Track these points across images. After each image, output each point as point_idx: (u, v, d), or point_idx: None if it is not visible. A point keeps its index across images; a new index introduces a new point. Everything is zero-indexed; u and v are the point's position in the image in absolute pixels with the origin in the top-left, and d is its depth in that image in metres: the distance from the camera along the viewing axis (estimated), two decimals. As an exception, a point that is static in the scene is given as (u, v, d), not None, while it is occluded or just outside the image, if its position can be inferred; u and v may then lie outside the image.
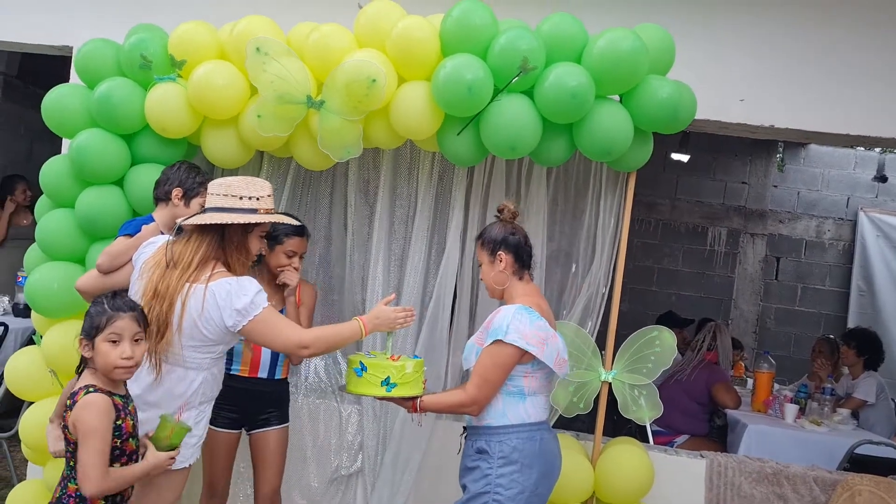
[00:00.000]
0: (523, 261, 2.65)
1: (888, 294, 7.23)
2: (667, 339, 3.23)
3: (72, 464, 2.18)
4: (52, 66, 4.36)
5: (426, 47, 2.90)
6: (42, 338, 3.19)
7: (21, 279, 4.71)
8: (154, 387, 2.40)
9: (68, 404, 2.17)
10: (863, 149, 7.41)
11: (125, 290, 2.42)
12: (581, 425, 3.62)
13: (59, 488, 2.22)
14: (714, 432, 4.81)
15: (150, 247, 2.55)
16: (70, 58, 3.51)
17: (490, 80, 2.84)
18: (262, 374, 3.08)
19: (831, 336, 5.64)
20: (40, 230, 3.16)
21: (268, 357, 3.07)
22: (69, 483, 2.18)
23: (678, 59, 3.06)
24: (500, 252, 2.63)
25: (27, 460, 3.42)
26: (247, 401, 3.03)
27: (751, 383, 5.09)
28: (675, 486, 3.37)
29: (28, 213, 5.51)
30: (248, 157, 3.24)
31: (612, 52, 2.82)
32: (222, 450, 3.03)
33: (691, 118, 3.12)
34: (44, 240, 3.15)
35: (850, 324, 7.04)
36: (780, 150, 7.59)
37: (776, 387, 4.92)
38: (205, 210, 2.47)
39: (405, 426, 3.36)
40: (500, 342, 2.45)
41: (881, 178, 7.41)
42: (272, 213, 2.49)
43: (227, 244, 2.44)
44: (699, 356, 4.74)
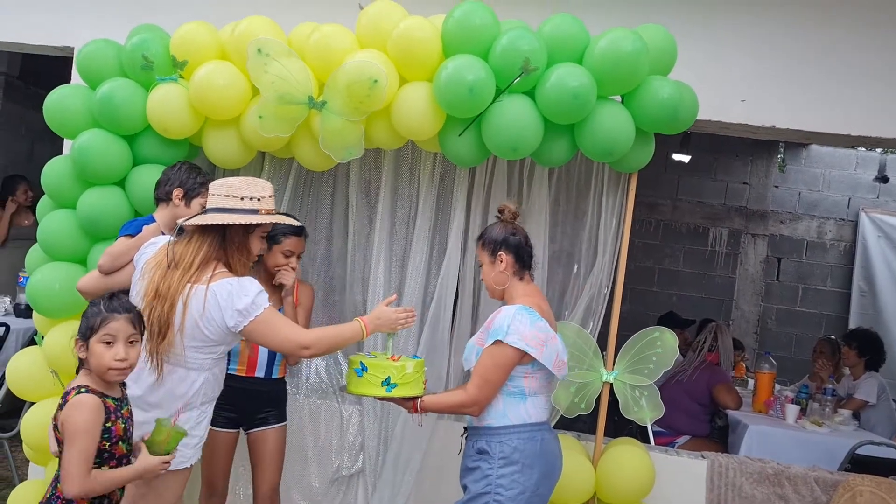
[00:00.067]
0: (524, 261, 2.65)
1: (889, 295, 7.21)
2: (668, 339, 3.23)
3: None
4: (53, 67, 4.36)
5: (428, 48, 2.90)
6: (43, 338, 3.19)
7: (22, 280, 4.70)
8: (155, 387, 2.40)
9: (60, 403, 2.16)
10: (864, 149, 7.40)
11: (126, 291, 2.42)
12: (582, 426, 3.62)
13: (49, 488, 2.21)
14: (715, 433, 4.81)
15: (152, 247, 2.55)
16: (71, 58, 3.51)
17: (492, 81, 2.84)
18: (260, 373, 3.07)
19: (832, 337, 5.64)
20: (42, 231, 3.16)
21: (265, 356, 3.07)
22: (59, 483, 2.16)
23: (679, 59, 3.06)
24: (500, 252, 2.63)
25: (28, 460, 3.42)
26: (244, 400, 3.03)
27: (752, 384, 5.09)
28: (676, 487, 3.37)
29: (29, 213, 5.52)
30: (249, 157, 3.24)
31: (613, 53, 2.82)
32: (221, 449, 3.02)
33: (692, 118, 3.12)
34: (45, 240, 3.16)
35: (852, 324, 7.04)
36: (781, 151, 7.58)
37: (777, 387, 4.92)
38: (206, 210, 2.47)
39: (406, 427, 3.36)
40: (500, 343, 2.45)
41: (882, 179, 7.41)
42: (273, 214, 2.49)
43: (228, 245, 2.44)
44: (700, 357, 4.73)
